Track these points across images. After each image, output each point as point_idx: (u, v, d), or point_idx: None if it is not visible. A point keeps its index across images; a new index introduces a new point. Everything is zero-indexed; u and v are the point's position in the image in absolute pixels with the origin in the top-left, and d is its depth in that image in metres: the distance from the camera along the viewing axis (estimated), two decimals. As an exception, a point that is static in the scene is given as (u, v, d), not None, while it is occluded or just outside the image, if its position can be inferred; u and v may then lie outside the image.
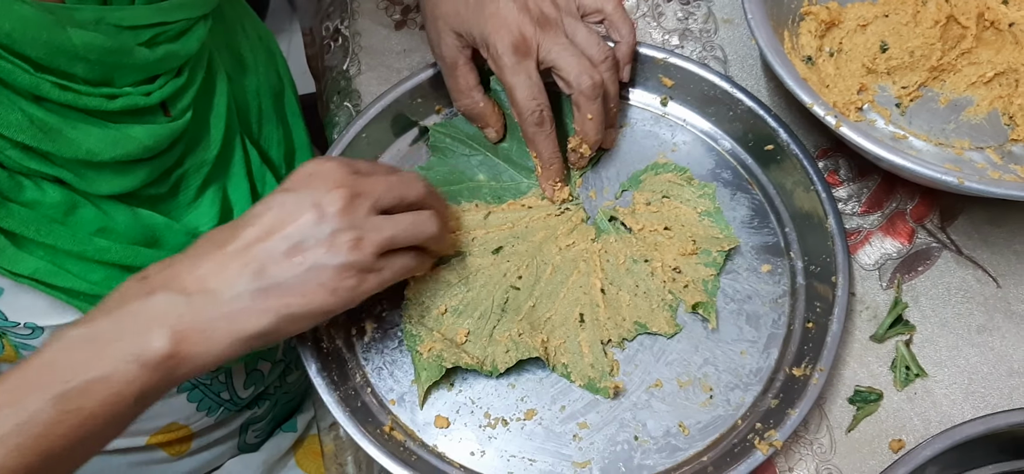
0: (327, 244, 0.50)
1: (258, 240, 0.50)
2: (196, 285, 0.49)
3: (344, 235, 0.51)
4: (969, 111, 0.69)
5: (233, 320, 0.49)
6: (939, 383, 0.60)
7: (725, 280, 0.63)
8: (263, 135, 0.71)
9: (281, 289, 0.50)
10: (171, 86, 0.58)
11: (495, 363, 0.59)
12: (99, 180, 0.56)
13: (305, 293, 0.50)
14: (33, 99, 0.51)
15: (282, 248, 0.50)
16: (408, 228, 0.55)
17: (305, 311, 0.51)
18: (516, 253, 0.63)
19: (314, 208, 0.50)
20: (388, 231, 0.53)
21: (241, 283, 0.49)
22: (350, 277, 0.51)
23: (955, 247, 0.65)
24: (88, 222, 0.56)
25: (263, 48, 0.73)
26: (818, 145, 0.69)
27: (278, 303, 0.50)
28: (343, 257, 0.50)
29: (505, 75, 0.62)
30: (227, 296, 0.49)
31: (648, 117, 0.71)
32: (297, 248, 0.50)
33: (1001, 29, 0.71)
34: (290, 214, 0.50)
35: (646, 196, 0.66)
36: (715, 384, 0.60)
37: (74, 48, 0.50)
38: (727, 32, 0.75)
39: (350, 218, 0.51)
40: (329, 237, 0.50)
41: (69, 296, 0.56)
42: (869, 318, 0.62)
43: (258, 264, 0.50)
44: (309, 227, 0.50)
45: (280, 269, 0.50)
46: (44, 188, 0.54)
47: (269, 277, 0.50)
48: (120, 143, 0.55)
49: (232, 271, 0.49)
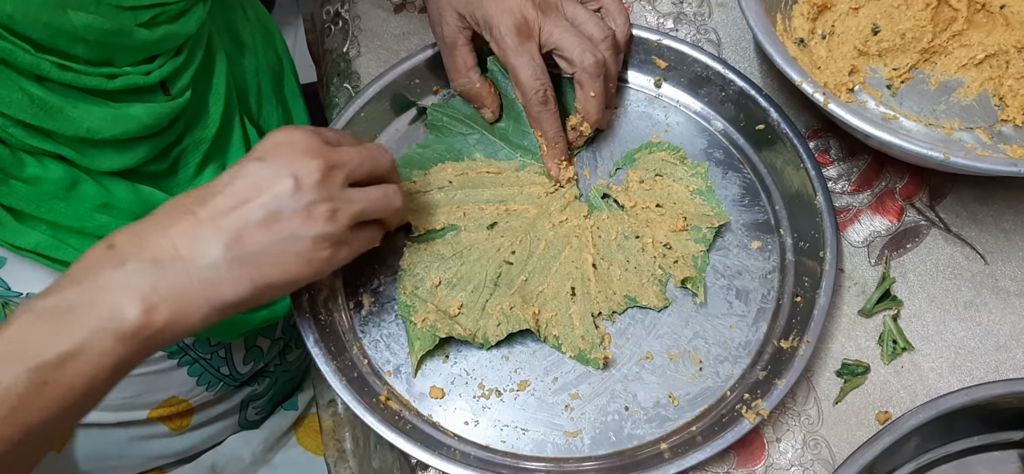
0: (304, 214, 0.50)
1: (232, 208, 0.49)
2: (167, 251, 0.48)
3: (321, 206, 0.51)
4: (959, 92, 0.70)
5: (209, 288, 0.49)
6: (926, 357, 0.61)
7: (716, 256, 0.64)
8: (262, 115, 0.72)
9: (258, 258, 0.49)
10: (170, 65, 0.59)
11: (487, 335, 0.60)
12: (100, 157, 0.57)
13: (281, 263, 0.50)
14: (34, 78, 0.52)
15: (258, 216, 0.49)
16: (378, 201, 0.55)
17: (281, 280, 0.51)
18: (510, 228, 0.65)
19: (291, 177, 0.50)
20: (361, 204, 0.53)
21: (216, 251, 0.48)
22: (325, 248, 0.51)
23: (943, 225, 0.66)
24: (90, 198, 0.57)
25: (262, 29, 0.74)
26: (809, 126, 0.70)
27: (254, 272, 0.49)
28: (319, 228, 0.51)
29: (508, 56, 0.64)
30: (201, 264, 0.48)
31: (642, 98, 0.72)
32: (274, 217, 0.50)
33: (992, 11, 0.72)
34: (266, 182, 0.50)
35: (639, 174, 0.67)
36: (705, 357, 0.61)
37: (74, 29, 0.51)
38: (721, 15, 0.76)
39: (326, 189, 0.51)
40: (306, 207, 0.50)
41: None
42: (857, 294, 0.63)
43: (234, 232, 0.49)
44: (286, 197, 0.50)
45: (256, 238, 0.49)
46: (46, 165, 0.55)
47: (245, 246, 0.49)
48: (120, 121, 0.55)
49: (206, 238, 0.49)
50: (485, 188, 0.66)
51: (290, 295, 0.60)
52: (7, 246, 0.56)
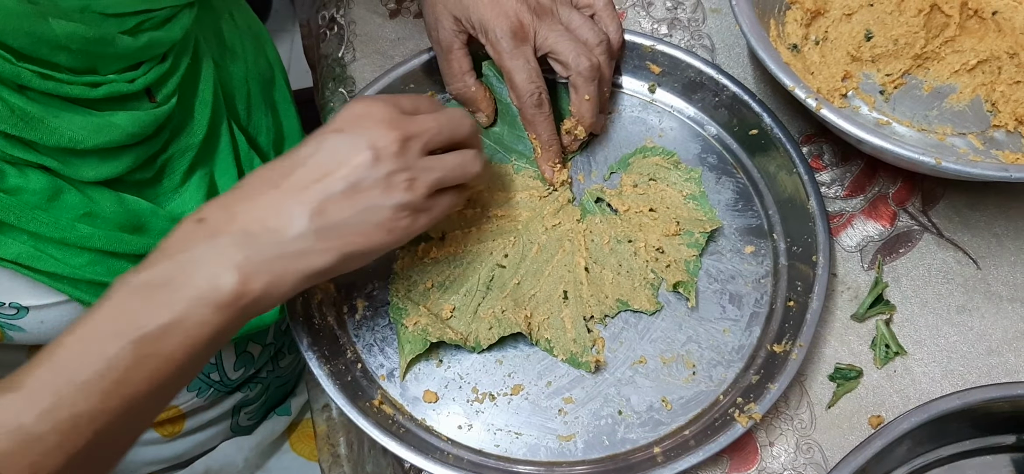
0: (384, 185, 0.52)
1: (315, 180, 0.51)
2: (257, 225, 0.50)
3: (399, 176, 0.52)
4: (952, 98, 0.70)
5: (298, 258, 0.50)
6: (918, 361, 0.61)
7: (710, 261, 0.65)
8: (252, 122, 0.72)
9: (341, 228, 0.51)
10: (155, 72, 0.58)
11: (478, 339, 0.60)
12: (84, 167, 0.56)
13: (364, 232, 0.52)
14: (15, 88, 0.51)
15: (340, 188, 0.51)
16: (456, 168, 0.56)
17: (364, 249, 0.52)
18: (502, 232, 0.65)
19: (370, 149, 0.51)
20: (438, 172, 0.54)
21: (301, 222, 0.50)
22: (405, 217, 0.53)
23: (936, 230, 0.66)
24: (72, 208, 0.56)
25: (251, 36, 0.74)
26: (802, 131, 0.71)
27: (340, 242, 0.51)
28: (399, 197, 0.52)
29: (504, 60, 0.64)
30: (290, 235, 0.50)
31: (636, 103, 0.72)
32: (354, 188, 0.51)
33: (984, 17, 0.72)
34: (346, 155, 0.51)
35: (633, 178, 0.67)
36: (698, 361, 0.61)
37: (56, 37, 0.51)
38: (715, 21, 0.77)
39: (404, 159, 0.52)
40: (385, 178, 0.52)
41: (52, 280, 0.56)
42: (850, 298, 0.64)
43: (317, 204, 0.51)
44: (365, 168, 0.51)
45: (339, 209, 0.51)
46: (28, 175, 0.54)
47: (329, 217, 0.51)
48: (103, 130, 0.55)
49: (292, 210, 0.50)
50: (479, 191, 0.66)
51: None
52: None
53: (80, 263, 0.56)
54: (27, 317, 0.58)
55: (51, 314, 0.58)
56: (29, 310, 0.58)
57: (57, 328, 0.59)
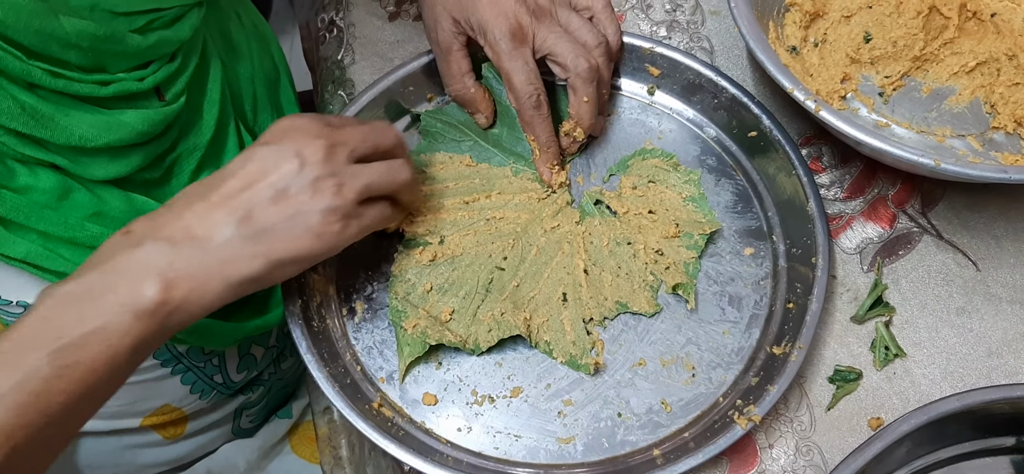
0: (311, 190, 0.52)
1: (242, 189, 0.51)
2: (182, 233, 0.50)
3: (327, 181, 0.52)
4: (951, 100, 0.70)
5: (224, 265, 0.50)
6: (918, 363, 0.61)
7: (709, 263, 0.65)
8: (258, 121, 0.72)
9: (269, 234, 0.51)
10: (164, 71, 0.59)
11: (478, 341, 0.60)
12: (93, 165, 0.56)
13: (292, 238, 0.52)
14: (25, 86, 0.52)
15: (267, 195, 0.51)
16: (384, 174, 0.56)
17: (293, 255, 0.52)
18: (502, 234, 0.65)
19: (296, 156, 0.52)
20: (366, 176, 0.54)
21: (228, 230, 0.50)
22: (334, 222, 0.53)
23: (935, 231, 0.66)
24: (82, 207, 0.57)
25: (257, 36, 0.74)
26: (802, 133, 0.71)
27: (267, 248, 0.51)
28: (327, 202, 0.52)
29: (502, 61, 0.64)
30: (216, 242, 0.50)
31: (635, 105, 0.72)
32: (282, 195, 0.51)
33: (983, 19, 0.72)
34: (273, 163, 0.52)
35: (632, 180, 0.67)
36: (697, 363, 0.61)
37: (66, 35, 0.51)
38: (714, 23, 0.77)
39: (331, 166, 0.53)
40: (312, 183, 0.52)
41: (61, 278, 0.56)
42: (850, 300, 0.63)
43: (244, 211, 0.51)
44: (292, 175, 0.51)
45: (266, 215, 0.51)
46: (37, 174, 0.54)
47: (256, 223, 0.51)
48: (113, 128, 0.55)
49: (218, 218, 0.50)
50: (478, 193, 0.66)
51: (284, 302, 0.60)
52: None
53: None
54: None
55: None
56: None
57: None
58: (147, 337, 0.48)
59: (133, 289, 0.48)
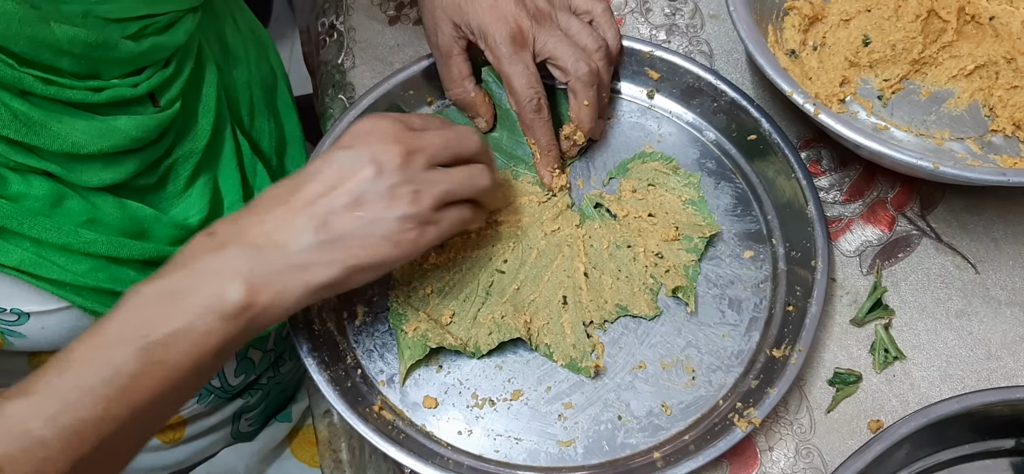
0: (387, 197, 0.52)
1: (320, 195, 0.52)
2: (264, 238, 0.51)
3: (403, 188, 0.53)
4: (950, 103, 0.70)
5: (303, 271, 0.51)
6: (917, 365, 0.61)
7: (709, 266, 0.65)
8: (254, 127, 0.72)
9: (346, 241, 0.52)
10: (159, 77, 0.58)
11: (478, 345, 0.61)
12: (87, 172, 0.56)
13: (368, 245, 0.52)
14: (17, 93, 0.51)
15: (344, 202, 0.52)
16: (462, 181, 0.56)
17: (369, 262, 0.53)
18: (501, 237, 0.65)
19: (373, 163, 0.52)
20: (444, 184, 0.55)
21: (307, 236, 0.51)
22: (411, 229, 0.53)
23: (934, 234, 0.66)
24: (75, 214, 0.56)
25: (254, 41, 0.74)
26: (801, 136, 0.71)
27: (344, 254, 0.52)
28: (403, 209, 0.53)
29: (503, 65, 0.64)
30: (295, 248, 0.51)
31: (635, 109, 0.72)
32: (358, 202, 0.52)
33: (982, 23, 0.72)
34: (350, 169, 0.53)
35: (632, 183, 0.67)
36: (697, 366, 0.61)
37: (58, 42, 0.51)
38: (713, 27, 0.77)
39: (408, 172, 0.53)
40: (388, 190, 0.52)
41: (54, 286, 0.56)
42: (849, 303, 0.64)
43: (322, 217, 0.52)
44: (369, 182, 0.52)
45: (343, 222, 0.52)
46: (30, 181, 0.54)
47: (333, 230, 0.52)
48: (106, 135, 0.55)
49: (297, 224, 0.51)
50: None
51: None
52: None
53: (82, 269, 0.56)
54: (28, 323, 0.58)
55: (52, 320, 0.58)
56: (30, 316, 0.58)
57: (58, 334, 0.59)
58: (231, 338, 0.50)
59: (218, 292, 0.49)
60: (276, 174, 0.73)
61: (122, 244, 0.57)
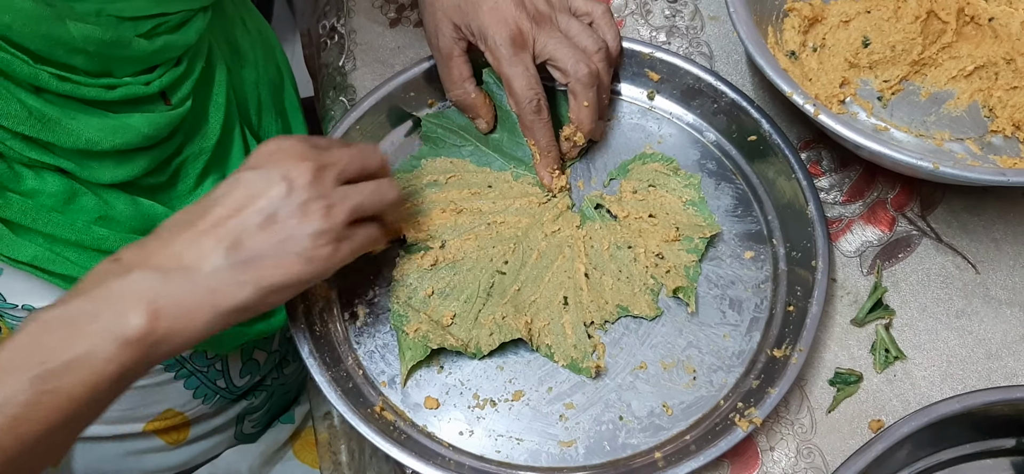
0: (300, 214, 0.51)
1: (230, 215, 0.51)
2: (171, 262, 0.49)
3: (315, 204, 0.52)
4: (950, 104, 0.71)
5: (212, 294, 0.49)
6: (918, 365, 0.61)
7: (710, 266, 0.65)
8: (262, 126, 0.73)
9: (258, 261, 0.50)
10: (170, 75, 0.59)
11: (479, 345, 0.61)
12: (100, 169, 0.57)
13: (281, 264, 0.51)
14: (32, 90, 0.52)
15: (256, 221, 0.51)
16: (372, 194, 0.56)
17: (283, 281, 0.51)
18: (502, 238, 0.65)
19: (284, 180, 0.51)
20: (355, 198, 0.54)
21: (217, 257, 0.50)
22: (324, 245, 0.52)
23: (935, 234, 0.67)
24: (88, 211, 0.57)
25: (262, 41, 0.75)
26: (801, 137, 0.71)
27: (256, 274, 0.50)
28: (316, 225, 0.52)
29: (503, 66, 0.64)
30: (205, 271, 0.49)
31: (635, 110, 0.73)
32: (270, 219, 0.51)
33: (981, 24, 0.72)
34: (260, 188, 0.51)
35: (633, 184, 0.68)
36: (698, 366, 0.61)
37: (73, 40, 0.51)
38: (713, 29, 0.77)
39: (319, 188, 0.52)
40: (300, 207, 0.51)
41: (67, 282, 0.57)
42: (850, 303, 0.64)
43: (233, 238, 0.50)
44: (280, 199, 0.51)
45: (255, 241, 0.50)
46: (44, 178, 0.55)
47: (245, 250, 0.50)
48: (119, 132, 0.56)
49: (207, 246, 0.50)
50: (478, 199, 0.67)
51: (286, 306, 0.60)
52: (3, 259, 0.56)
53: (94, 265, 0.57)
54: None
55: None
56: None
57: None
58: (131, 366, 0.47)
59: (119, 317, 0.47)
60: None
61: (133, 241, 0.58)
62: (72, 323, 0.47)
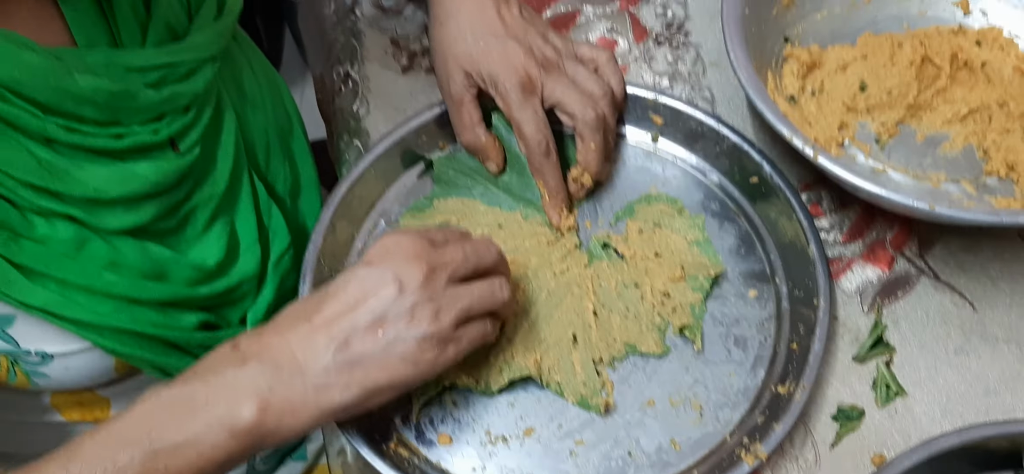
0: (408, 317, 0.52)
1: (341, 314, 0.52)
2: (286, 357, 0.51)
3: (424, 308, 0.53)
4: (945, 146, 0.73)
5: (319, 393, 0.51)
6: (918, 401, 0.63)
7: (715, 305, 0.67)
8: (270, 170, 0.74)
9: (364, 363, 0.52)
10: (179, 123, 0.60)
11: (490, 383, 0.62)
12: (108, 216, 0.57)
13: (387, 366, 0.52)
14: (41, 141, 0.53)
15: (365, 321, 0.52)
16: (483, 296, 0.56)
17: (387, 383, 0.53)
18: (512, 278, 0.67)
19: (395, 281, 0.52)
20: (465, 301, 0.55)
21: (326, 356, 0.51)
22: (430, 349, 0.53)
23: (933, 273, 0.68)
24: (98, 257, 0.57)
25: (270, 87, 0.76)
26: (801, 178, 0.73)
27: (362, 376, 0.52)
28: (423, 329, 0.52)
29: (513, 111, 0.67)
30: (314, 369, 0.51)
31: (640, 153, 0.75)
32: (379, 322, 0.52)
33: (974, 69, 0.75)
34: (372, 288, 0.52)
35: (639, 224, 0.69)
36: (705, 402, 0.63)
37: (81, 92, 0.52)
38: (715, 74, 0.80)
39: (429, 290, 0.53)
40: (409, 310, 0.52)
41: (78, 327, 0.57)
42: (851, 340, 0.65)
43: (342, 338, 0.51)
44: (390, 301, 0.52)
45: (363, 343, 0.52)
46: (55, 225, 0.55)
47: (353, 351, 0.51)
48: (127, 181, 0.56)
49: (318, 344, 0.51)
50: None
51: None
52: (16, 304, 0.56)
53: (105, 310, 0.58)
54: (52, 364, 0.60)
55: (75, 361, 0.60)
56: (54, 357, 0.59)
57: (80, 374, 0.61)
58: (237, 453, 0.50)
59: (232, 407, 0.49)
60: (290, 216, 0.74)
61: (142, 286, 0.59)
62: (187, 405, 0.49)
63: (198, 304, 0.64)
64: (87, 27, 0.56)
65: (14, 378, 0.60)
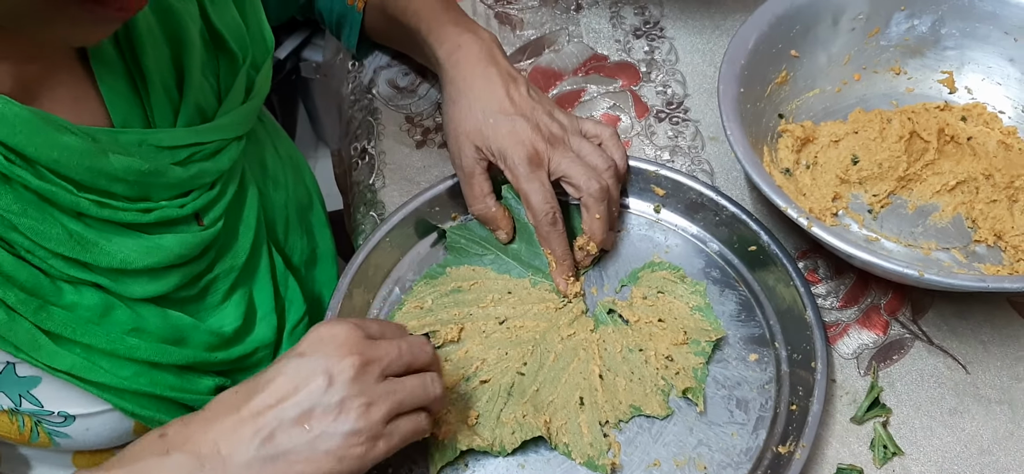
0: (336, 411, 0.52)
1: (269, 406, 0.52)
2: (209, 448, 0.51)
3: (353, 401, 0.52)
4: (935, 216, 0.76)
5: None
6: (915, 461, 0.65)
7: (717, 368, 0.69)
8: (288, 243, 0.77)
9: (289, 457, 0.51)
10: (204, 198, 0.63)
11: (503, 444, 0.64)
12: (133, 285, 0.59)
13: (312, 460, 0.51)
14: (74, 215, 0.55)
15: (292, 415, 0.51)
16: (415, 391, 0.56)
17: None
18: (521, 341, 0.70)
19: (324, 374, 0.52)
20: (398, 396, 0.54)
21: (251, 450, 0.51)
22: (358, 444, 0.52)
23: (926, 337, 0.71)
24: (122, 323, 0.59)
25: (292, 165, 0.79)
26: (798, 247, 0.76)
27: (285, 470, 0.51)
28: (351, 424, 0.52)
29: (521, 183, 0.70)
30: (237, 462, 0.51)
31: (643, 222, 0.78)
32: (306, 415, 0.51)
33: (960, 143, 0.78)
34: (302, 380, 0.52)
35: (643, 291, 0.72)
36: (709, 463, 0.64)
37: (114, 171, 0.55)
38: (713, 148, 0.84)
39: (360, 385, 0.52)
40: (338, 404, 0.52)
41: (100, 390, 0.59)
42: (849, 402, 0.68)
43: (268, 430, 0.51)
44: (319, 394, 0.52)
45: (289, 436, 0.51)
46: (82, 292, 0.57)
47: (278, 444, 0.51)
48: (153, 252, 0.58)
49: (244, 436, 0.51)
50: (499, 304, 0.72)
51: None
52: (43, 367, 0.57)
53: (127, 374, 0.60)
54: (74, 425, 0.61)
55: (96, 422, 0.62)
56: (76, 419, 0.61)
57: (100, 435, 0.62)
58: None
59: None
60: (305, 285, 0.77)
61: (163, 350, 0.61)
62: None
63: (215, 368, 0.66)
64: (123, 107, 0.59)
65: (36, 438, 0.62)
